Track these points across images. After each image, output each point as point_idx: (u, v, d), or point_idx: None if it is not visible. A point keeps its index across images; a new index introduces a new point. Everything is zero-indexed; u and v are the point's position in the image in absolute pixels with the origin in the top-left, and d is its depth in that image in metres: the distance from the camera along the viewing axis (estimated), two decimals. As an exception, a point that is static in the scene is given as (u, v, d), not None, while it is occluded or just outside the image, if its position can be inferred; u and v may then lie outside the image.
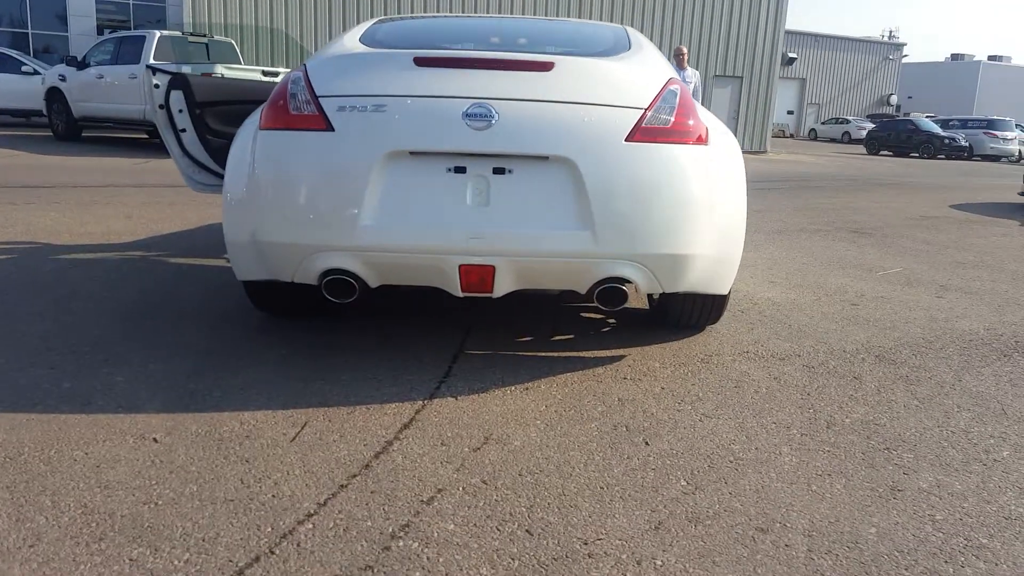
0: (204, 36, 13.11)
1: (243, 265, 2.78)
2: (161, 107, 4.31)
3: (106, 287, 3.69)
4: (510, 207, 2.43)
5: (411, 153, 2.42)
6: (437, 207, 2.43)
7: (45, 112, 13.22)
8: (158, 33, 12.08)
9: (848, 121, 37.47)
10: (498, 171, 2.43)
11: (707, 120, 2.75)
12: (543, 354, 2.89)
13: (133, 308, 3.34)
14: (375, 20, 3.48)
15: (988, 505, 1.87)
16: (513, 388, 2.54)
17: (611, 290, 2.53)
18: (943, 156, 25.54)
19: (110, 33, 19.97)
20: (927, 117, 37.13)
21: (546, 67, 2.51)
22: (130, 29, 20.10)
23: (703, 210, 2.54)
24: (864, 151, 27.72)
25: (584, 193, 2.40)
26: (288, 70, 12.28)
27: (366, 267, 2.50)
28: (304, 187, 2.47)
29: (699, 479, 1.95)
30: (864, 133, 32.85)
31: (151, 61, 11.54)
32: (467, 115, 2.40)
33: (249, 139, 2.70)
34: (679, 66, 10.13)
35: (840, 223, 7.06)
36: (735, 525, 1.74)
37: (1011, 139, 26.73)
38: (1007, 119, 28.39)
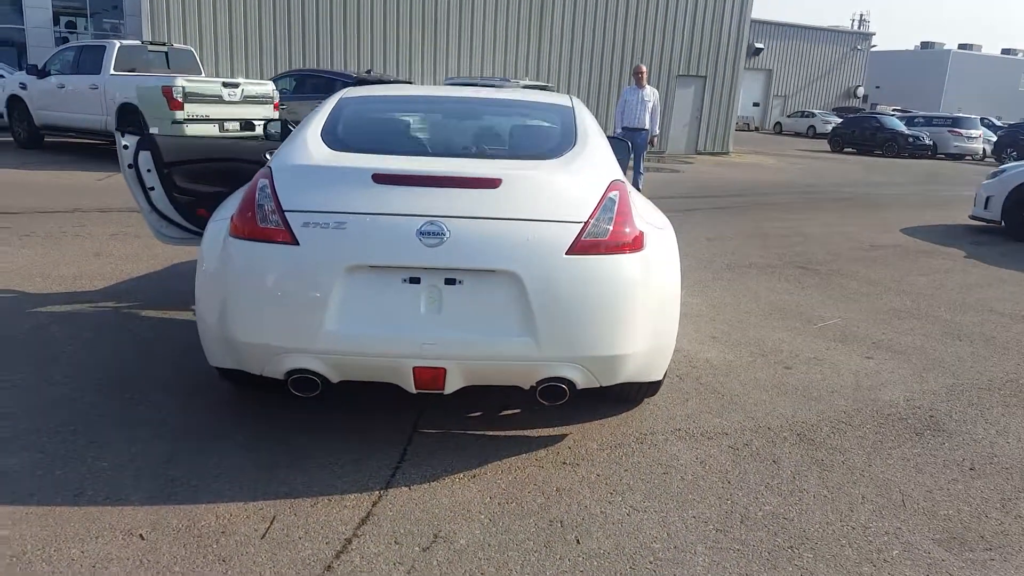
0: (163, 45, 13.08)
1: (214, 353, 2.99)
2: (130, 166, 4.48)
3: (85, 349, 3.87)
4: (460, 315, 2.67)
5: (370, 267, 2.65)
6: (393, 314, 2.67)
7: (6, 119, 13.12)
8: (118, 43, 12.08)
9: (814, 115, 38.09)
10: (449, 281, 2.66)
11: (645, 220, 3.00)
12: (491, 433, 3.15)
13: (111, 377, 3.53)
14: (338, 98, 3.67)
15: (866, 609, 2.17)
16: (462, 476, 2.79)
17: (552, 388, 2.79)
18: (907, 154, 26.14)
19: (66, 26, 19.74)
20: (894, 110, 37.87)
21: (494, 184, 2.75)
22: (87, 17, 19.90)
23: (638, 313, 2.80)
24: (828, 148, 28.26)
25: (527, 303, 2.65)
26: (246, 81, 12.34)
27: (328, 367, 2.73)
28: (272, 294, 2.69)
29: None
30: (829, 127, 33.47)
31: (111, 72, 11.53)
32: (421, 232, 2.63)
33: (218, 243, 2.89)
34: (638, 85, 10.37)
35: (789, 256, 7.39)
36: (645, 637, 2.01)
37: (975, 137, 27.41)
38: (972, 117, 29.10)
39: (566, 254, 2.68)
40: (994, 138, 27.89)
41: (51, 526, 2.36)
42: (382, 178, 2.74)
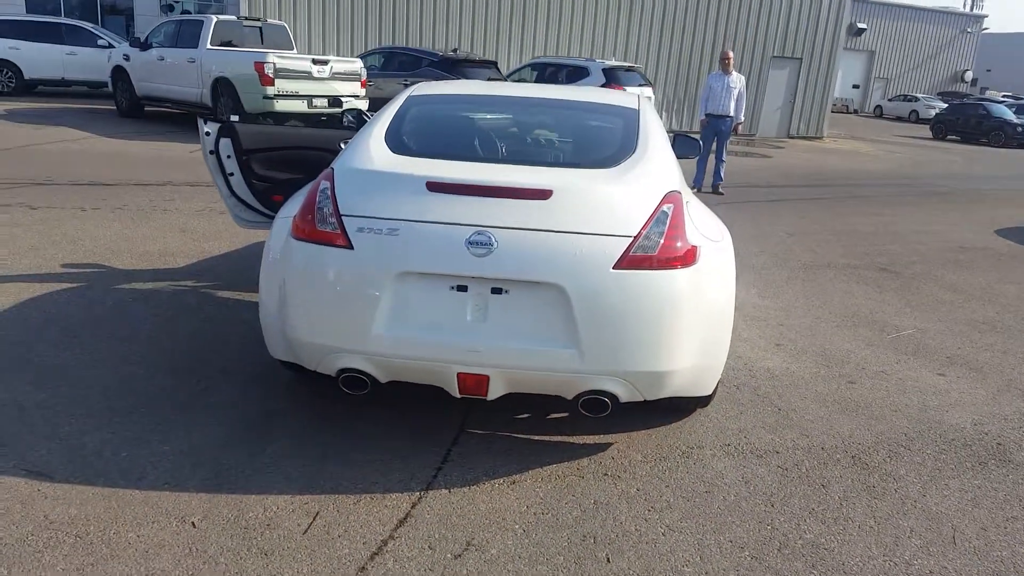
0: (258, 20, 13.49)
1: (275, 348, 3.13)
2: (212, 153, 4.67)
3: (162, 329, 4.10)
4: (505, 324, 2.70)
5: (419, 273, 2.70)
6: (440, 321, 2.72)
7: (111, 89, 13.85)
8: (215, 18, 12.49)
9: (917, 99, 36.14)
10: (496, 291, 2.69)
11: (700, 232, 2.94)
12: (536, 438, 3.18)
13: (182, 360, 3.73)
14: (407, 95, 3.72)
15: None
16: (502, 482, 2.84)
17: (594, 401, 2.80)
18: (1016, 144, 24.52)
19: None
20: (1004, 95, 35.49)
21: (545, 195, 2.75)
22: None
23: (685, 330, 2.77)
24: (930, 135, 26.80)
25: (572, 316, 2.65)
26: (335, 58, 12.60)
27: (376, 367, 2.82)
28: (326, 296, 2.79)
29: (646, 607, 2.23)
30: (932, 112, 31.68)
31: (208, 47, 11.98)
32: (469, 242, 2.67)
33: (281, 241, 3.01)
34: (724, 71, 10.07)
35: (872, 255, 7.09)
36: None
37: (1092, 128, 25.44)
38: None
39: (613, 268, 2.66)
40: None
41: (113, 508, 2.54)
42: (435, 186, 2.78)
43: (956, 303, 5.65)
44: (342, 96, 12.31)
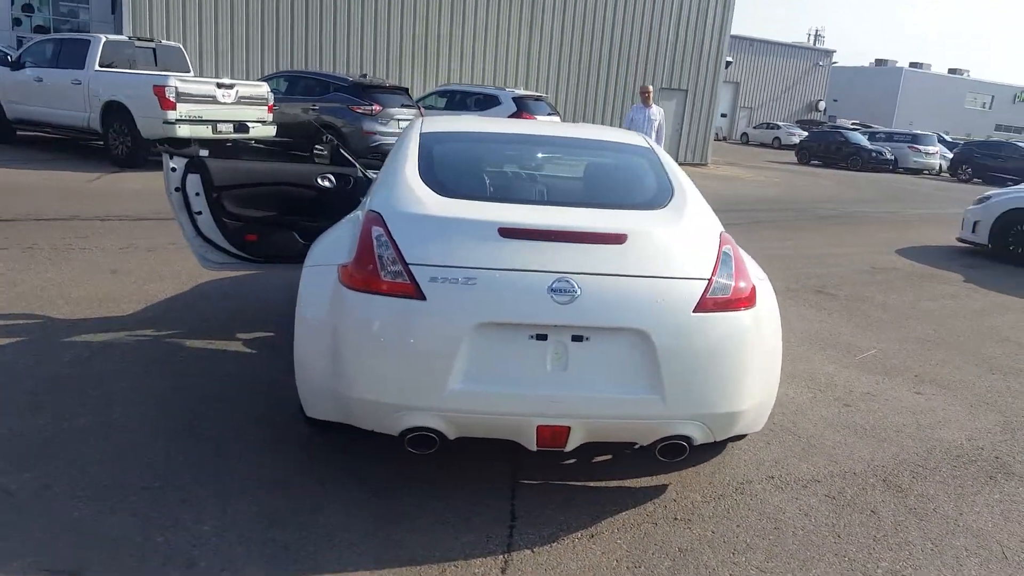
0: (151, 41, 12.71)
1: (317, 407, 2.90)
2: (177, 190, 4.33)
3: (139, 387, 3.72)
4: (586, 372, 2.63)
5: (497, 324, 2.59)
6: (519, 372, 2.62)
7: (-22, 111, 12.62)
8: (103, 37, 11.67)
9: (779, 127, 38.90)
10: (576, 338, 2.62)
11: (751, 273, 3.01)
12: (592, 484, 3.11)
13: (177, 420, 3.39)
14: (418, 134, 3.59)
15: None
16: (580, 535, 2.75)
17: (673, 446, 2.78)
18: (870, 168, 26.87)
19: (23, 9, 19.01)
20: (853, 123, 38.89)
21: (620, 240, 2.72)
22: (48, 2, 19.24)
23: (755, 368, 2.82)
24: (795, 159, 28.89)
25: (655, 361, 2.62)
26: (242, 81, 12.06)
27: (449, 424, 2.67)
28: (394, 351, 2.61)
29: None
30: (793, 139, 34.27)
31: (96, 68, 11.16)
32: (552, 289, 2.59)
33: (326, 291, 2.80)
34: (644, 104, 10.44)
35: (803, 278, 7.51)
36: None
37: (933, 153, 28.37)
38: (929, 134, 30.10)
39: (693, 312, 2.67)
40: (949, 154, 28.85)
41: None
42: (508, 232, 2.69)
43: (895, 322, 6.08)
44: (249, 122, 11.81)
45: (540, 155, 3.74)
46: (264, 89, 12.20)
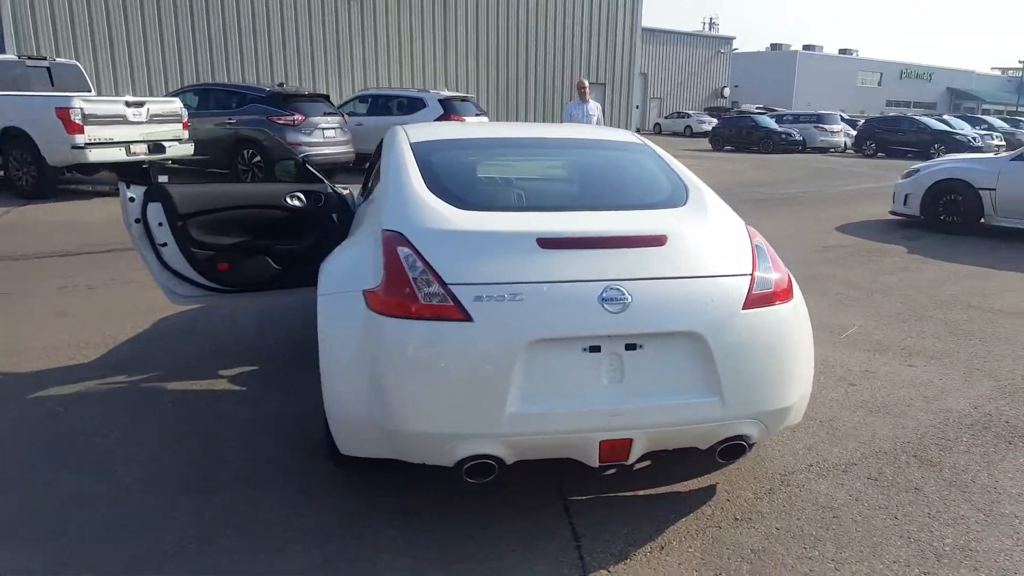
0: (44, 59, 11.95)
1: (355, 444, 2.72)
2: (137, 221, 4.04)
3: (131, 439, 3.42)
4: (643, 381, 2.55)
5: (549, 339, 2.47)
6: (576, 388, 2.51)
7: None
8: (-10, 57, 10.90)
9: (689, 115, 39.92)
10: (630, 347, 2.53)
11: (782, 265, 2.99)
12: (643, 493, 3.03)
13: (186, 473, 3.13)
14: (407, 143, 3.43)
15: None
16: (650, 548, 2.67)
17: (733, 446, 2.72)
18: (781, 150, 27.88)
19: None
20: (757, 108, 40.31)
21: (660, 241, 2.65)
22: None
23: (800, 360, 2.80)
24: (709, 146, 29.69)
25: (712, 362, 2.56)
26: (152, 98, 11.44)
27: (508, 449, 2.54)
28: (444, 378, 2.46)
29: (884, 650, 2.18)
30: (704, 126, 35.27)
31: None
32: (603, 299, 2.49)
33: (354, 320, 2.62)
34: (581, 99, 10.44)
35: (763, 262, 7.64)
36: None
37: (837, 131, 29.64)
38: (833, 113, 31.46)
39: (743, 309, 2.62)
40: (852, 132, 30.25)
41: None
42: (548, 242, 2.58)
43: (863, 299, 6.25)
44: (164, 141, 11.23)
45: (545, 159, 3.64)
46: (177, 105, 11.63)
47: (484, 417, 2.47)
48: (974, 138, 25.62)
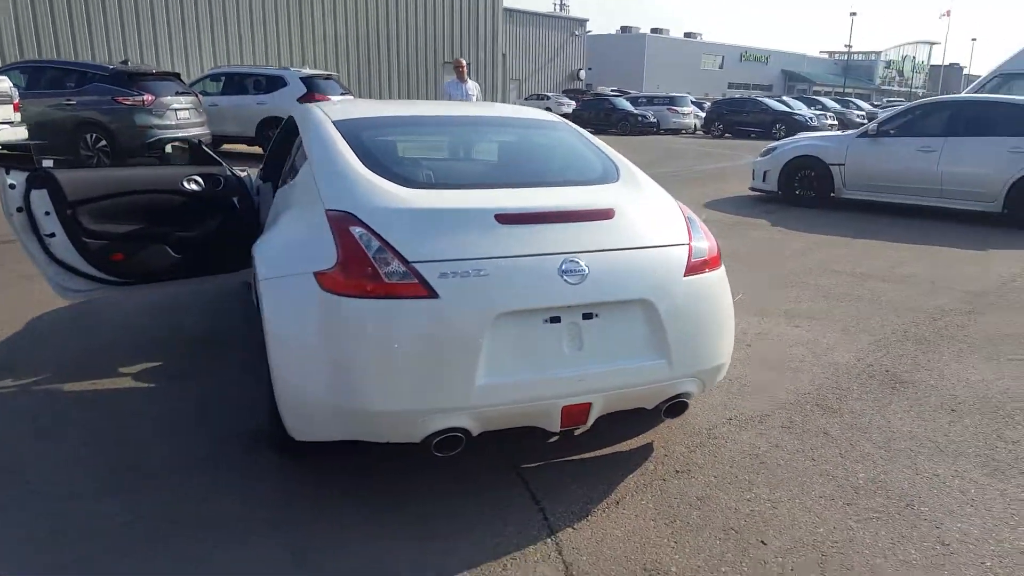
0: None
1: (311, 429, 2.70)
2: (20, 210, 3.72)
3: (44, 452, 3.16)
4: (600, 347, 2.68)
5: (512, 312, 2.54)
6: (539, 358, 2.61)
7: None
8: None
9: (548, 97, 40.69)
10: (586, 316, 2.66)
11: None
12: (588, 455, 3.18)
13: (105, 475, 2.94)
14: (327, 121, 3.36)
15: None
16: (606, 504, 2.81)
17: (677, 404, 2.92)
18: (637, 131, 29.12)
19: None
20: (612, 90, 41.71)
21: (609, 215, 2.79)
22: None
23: (729, 321, 3.05)
24: (571, 128, 30.47)
25: (660, 327, 2.74)
26: None
27: (475, 421, 2.60)
28: (413, 355, 2.48)
29: (830, 569, 2.44)
30: (564, 108, 36.06)
31: None
32: (562, 271, 2.60)
33: (306, 303, 2.57)
34: (459, 79, 10.45)
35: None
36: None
37: (688, 113, 31.28)
38: (684, 96, 33.17)
39: (684, 276, 2.81)
40: (701, 113, 32.10)
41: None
42: (506, 218, 2.64)
43: (741, 269, 6.67)
44: (-6, 123, 10.18)
45: (477, 137, 3.68)
46: (6, 84, 10.55)
47: (453, 391, 2.51)
48: (811, 118, 27.84)
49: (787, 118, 27.77)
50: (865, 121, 31.15)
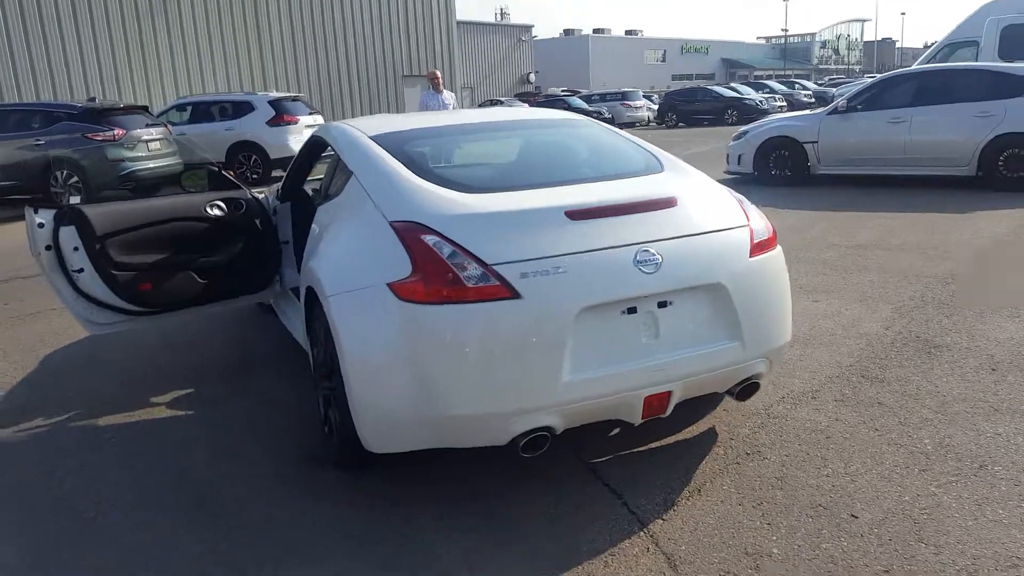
0: None
1: (392, 440, 2.65)
2: (48, 248, 3.63)
3: (87, 485, 3.03)
4: (676, 335, 2.67)
5: (591, 306, 2.51)
6: (620, 349, 2.58)
7: None
8: None
9: (502, 102, 40.75)
10: (661, 304, 2.64)
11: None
12: (654, 446, 3.15)
13: (169, 505, 2.83)
14: (363, 137, 3.31)
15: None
16: (688, 493, 2.78)
17: (750, 386, 2.91)
18: (594, 128, 29.34)
19: None
20: (563, 90, 42.00)
21: (672, 203, 2.79)
22: None
23: (789, 300, 3.06)
24: (529, 130, 30.59)
25: (732, 310, 2.73)
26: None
27: (562, 418, 2.57)
28: (500, 357, 2.45)
29: (926, 534, 2.45)
30: (520, 111, 36.23)
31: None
32: (638, 262, 2.58)
33: (383, 315, 2.52)
34: (435, 89, 10.41)
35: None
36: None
37: (640, 107, 31.68)
38: (636, 90, 33.58)
39: (750, 257, 2.81)
40: (653, 106, 32.51)
41: None
42: (576, 214, 2.62)
43: (741, 249, 6.79)
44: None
45: (515, 140, 3.65)
46: None
47: (541, 390, 2.48)
48: (760, 101, 28.37)
49: (738, 103, 28.27)
50: (812, 100, 32.07)
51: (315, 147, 4.14)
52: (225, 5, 17.91)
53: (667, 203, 2.77)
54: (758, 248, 2.85)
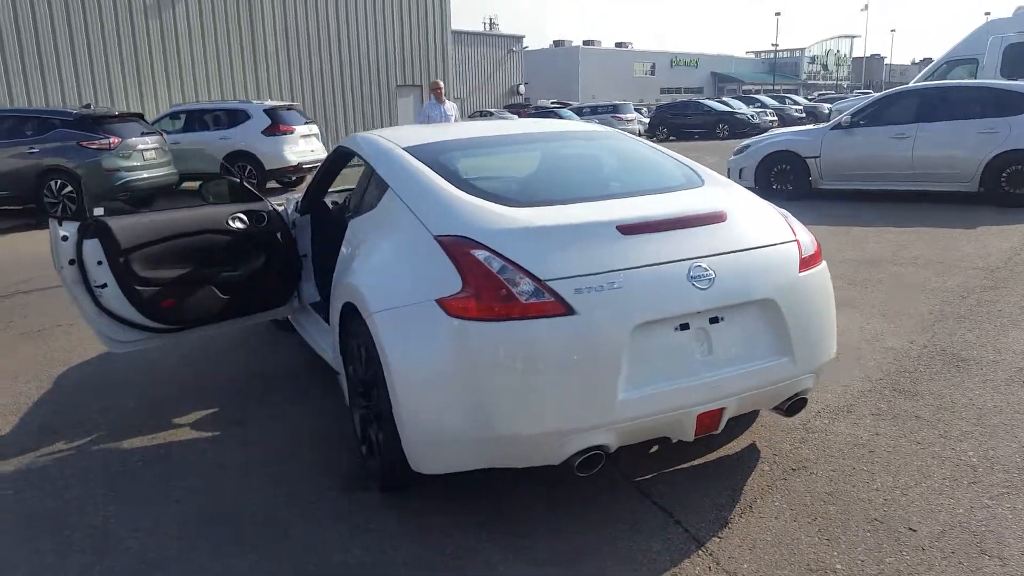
0: None
1: (442, 460, 2.60)
2: (72, 262, 3.55)
3: (122, 512, 2.97)
4: (728, 351, 2.65)
5: (645, 323, 2.49)
6: (674, 366, 2.56)
7: None
8: None
9: (492, 113, 40.87)
10: (713, 320, 2.63)
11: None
12: (698, 462, 3.13)
13: (209, 533, 2.78)
14: (397, 149, 3.29)
15: None
16: (740, 510, 2.77)
17: (798, 401, 2.90)
18: (586, 140, 29.46)
19: None
20: (552, 102, 42.16)
21: (722, 218, 2.77)
22: None
23: (834, 315, 3.04)
24: (521, 142, 30.67)
25: (783, 325, 2.72)
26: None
27: (616, 437, 2.53)
28: (554, 375, 2.41)
29: (988, 547, 2.44)
30: (511, 124, 36.32)
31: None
32: (691, 277, 2.56)
33: (431, 332, 2.49)
34: (438, 100, 10.41)
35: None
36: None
37: (631, 120, 31.79)
38: (627, 103, 33.76)
39: (799, 272, 2.81)
40: (644, 119, 32.69)
41: None
42: (628, 228, 2.60)
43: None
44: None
45: (551, 152, 3.63)
46: None
47: (596, 408, 2.44)
48: (752, 115, 28.59)
49: (729, 118, 28.48)
50: (803, 115, 32.39)
51: (340, 158, 4.10)
52: (220, 12, 17.85)
53: (717, 217, 2.76)
54: (806, 263, 2.85)
